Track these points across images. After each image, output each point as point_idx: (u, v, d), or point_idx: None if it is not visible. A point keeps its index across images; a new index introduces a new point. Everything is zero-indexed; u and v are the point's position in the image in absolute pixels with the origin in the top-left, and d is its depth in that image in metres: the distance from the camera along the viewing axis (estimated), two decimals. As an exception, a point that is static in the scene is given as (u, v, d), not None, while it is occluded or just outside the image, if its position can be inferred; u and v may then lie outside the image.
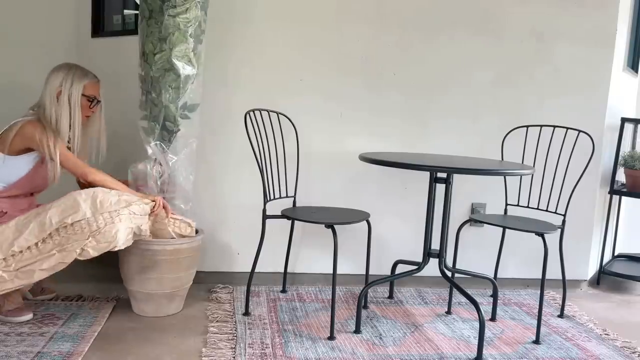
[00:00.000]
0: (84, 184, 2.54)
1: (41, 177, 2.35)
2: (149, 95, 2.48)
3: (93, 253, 2.11)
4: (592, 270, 3.28)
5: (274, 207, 2.62)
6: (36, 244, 2.07)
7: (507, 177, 2.96)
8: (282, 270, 2.91)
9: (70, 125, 2.33)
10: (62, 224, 2.08)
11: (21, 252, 2.06)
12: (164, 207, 2.40)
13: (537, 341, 2.45)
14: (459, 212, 3.04)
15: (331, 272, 2.37)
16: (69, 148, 2.34)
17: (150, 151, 2.53)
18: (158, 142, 2.52)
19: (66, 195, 2.17)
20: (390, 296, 2.92)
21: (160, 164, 2.54)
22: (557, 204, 2.78)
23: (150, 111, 2.49)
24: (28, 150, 2.29)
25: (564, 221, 2.68)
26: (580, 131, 2.74)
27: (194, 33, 2.45)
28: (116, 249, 2.16)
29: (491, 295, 2.98)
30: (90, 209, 2.12)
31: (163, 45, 2.41)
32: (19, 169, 2.30)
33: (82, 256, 2.10)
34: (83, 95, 2.35)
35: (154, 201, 2.37)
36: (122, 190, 2.31)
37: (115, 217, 2.16)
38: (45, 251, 2.08)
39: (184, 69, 2.44)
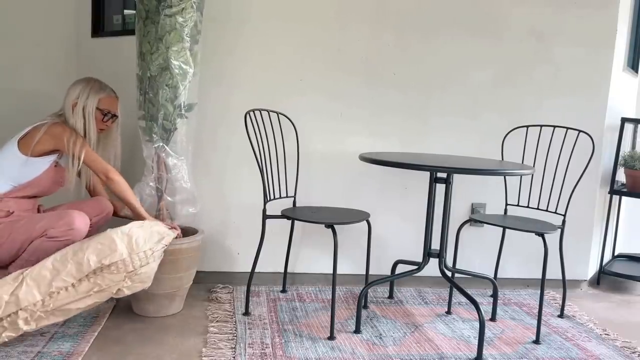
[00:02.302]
0: (93, 193, 2.57)
1: (51, 181, 2.37)
2: (147, 95, 2.49)
3: (127, 293, 2.15)
4: (592, 270, 3.28)
5: (274, 207, 2.62)
6: (73, 284, 2.08)
7: (507, 177, 2.96)
8: (282, 270, 2.91)
9: (85, 136, 2.37)
10: (98, 264, 2.09)
11: (58, 292, 2.06)
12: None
13: (537, 341, 2.46)
14: (459, 212, 3.04)
15: (331, 272, 2.37)
16: None
17: (145, 152, 2.54)
18: (159, 144, 2.52)
19: (103, 233, 2.18)
20: (390, 296, 2.92)
21: (152, 169, 2.55)
22: (557, 204, 2.79)
23: (148, 110, 2.51)
24: (51, 152, 2.32)
25: (564, 221, 2.68)
26: (580, 131, 2.74)
27: (190, 33, 2.47)
28: (146, 289, 2.22)
29: (491, 295, 2.98)
30: (127, 249, 2.15)
31: (159, 44, 2.42)
32: (35, 170, 2.32)
33: (117, 295, 2.15)
34: (97, 108, 2.39)
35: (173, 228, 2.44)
36: (136, 205, 2.37)
37: (150, 256, 2.20)
38: (83, 291, 2.08)
39: (181, 68, 2.46)
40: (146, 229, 2.24)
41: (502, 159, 2.95)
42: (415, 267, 2.57)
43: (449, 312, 2.74)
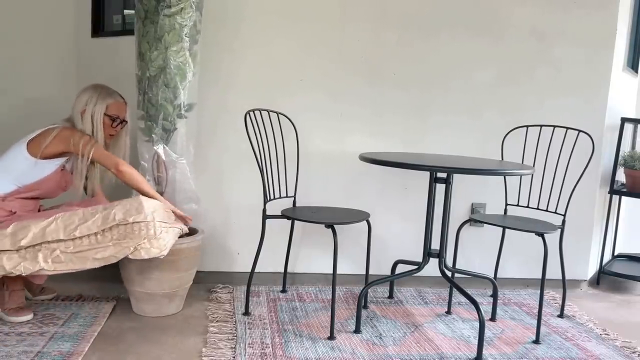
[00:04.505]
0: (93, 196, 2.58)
1: (55, 184, 2.39)
2: (146, 95, 2.50)
3: (144, 255, 2.18)
4: (592, 270, 3.28)
5: (274, 207, 2.62)
6: (96, 233, 2.18)
7: (507, 177, 2.96)
8: (282, 270, 2.91)
9: None
10: (124, 221, 2.20)
11: (81, 238, 2.17)
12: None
13: (537, 341, 2.46)
14: (459, 212, 3.04)
15: (331, 272, 2.37)
16: None
17: (145, 153, 2.54)
18: (159, 145, 2.52)
19: (135, 197, 2.32)
20: (390, 296, 2.92)
21: (152, 170, 2.55)
22: (557, 204, 2.79)
23: (147, 111, 2.51)
24: (60, 154, 2.33)
25: (563, 221, 2.68)
26: (580, 131, 2.74)
27: (189, 33, 2.47)
28: (161, 257, 2.24)
29: (491, 295, 2.98)
30: (152, 214, 2.24)
31: (159, 45, 2.43)
32: (41, 172, 2.33)
33: (134, 255, 2.18)
34: (106, 114, 2.40)
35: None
36: (152, 194, 2.41)
37: (170, 228, 2.32)
38: (103, 242, 2.18)
39: (180, 68, 2.46)
40: (169, 213, 2.40)
41: (502, 158, 2.95)
42: (415, 267, 2.57)
43: (448, 312, 2.74)
